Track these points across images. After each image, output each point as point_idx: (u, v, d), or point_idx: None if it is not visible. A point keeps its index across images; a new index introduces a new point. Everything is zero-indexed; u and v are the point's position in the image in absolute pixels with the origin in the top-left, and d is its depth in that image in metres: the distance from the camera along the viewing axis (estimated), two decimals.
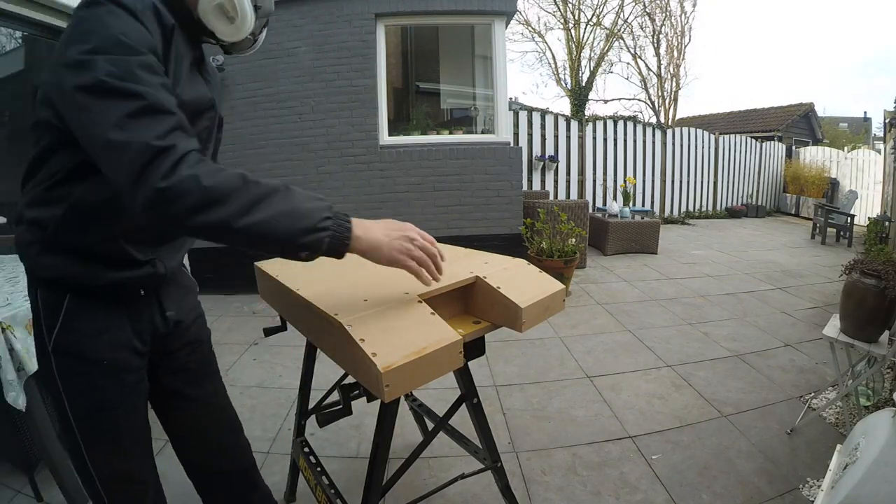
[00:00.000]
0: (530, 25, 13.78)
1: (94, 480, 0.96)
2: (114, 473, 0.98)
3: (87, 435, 0.94)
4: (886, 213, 6.62)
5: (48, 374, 0.92)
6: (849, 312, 1.97)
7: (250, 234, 0.72)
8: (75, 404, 0.92)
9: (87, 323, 0.91)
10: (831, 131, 15.72)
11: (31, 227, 0.87)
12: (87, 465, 0.95)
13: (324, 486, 1.32)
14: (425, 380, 0.82)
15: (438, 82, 6.05)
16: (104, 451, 0.96)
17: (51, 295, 0.90)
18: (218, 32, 0.89)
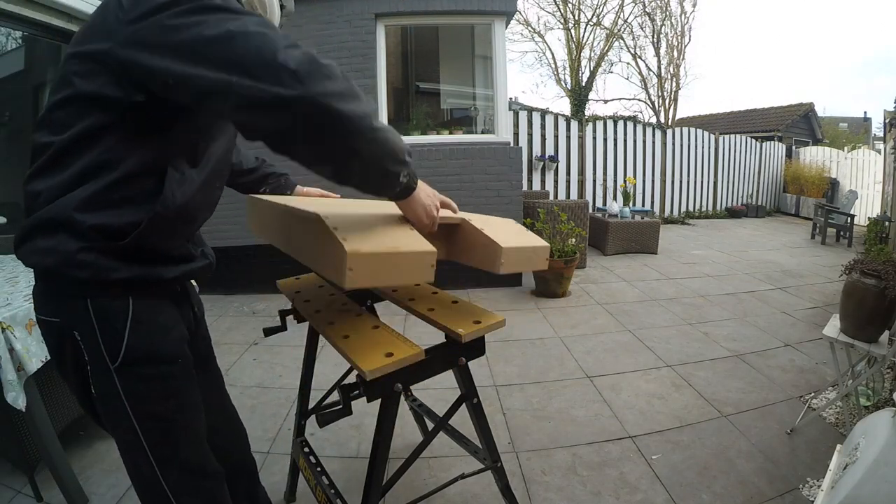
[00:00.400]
0: (530, 25, 13.79)
1: (168, 495, 0.88)
2: (193, 476, 0.93)
3: (171, 444, 0.88)
4: (886, 213, 6.62)
5: (113, 391, 0.82)
6: (849, 312, 1.97)
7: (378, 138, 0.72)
8: (154, 413, 0.85)
9: (156, 322, 0.86)
10: (831, 131, 15.71)
11: (92, 235, 0.77)
12: (159, 477, 0.87)
13: (324, 486, 1.32)
14: (391, 281, 0.82)
15: (438, 82, 6.04)
16: (186, 455, 0.91)
17: (110, 302, 0.81)
18: None
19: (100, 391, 0.83)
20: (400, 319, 3.28)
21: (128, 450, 0.88)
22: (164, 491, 0.88)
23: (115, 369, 0.81)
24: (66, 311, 0.81)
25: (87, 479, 1.81)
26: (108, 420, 0.87)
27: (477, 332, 1.09)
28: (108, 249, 0.79)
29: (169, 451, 0.89)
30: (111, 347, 0.81)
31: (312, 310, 1.26)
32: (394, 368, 0.96)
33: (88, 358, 0.81)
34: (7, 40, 3.68)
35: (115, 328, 0.81)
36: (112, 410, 0.84)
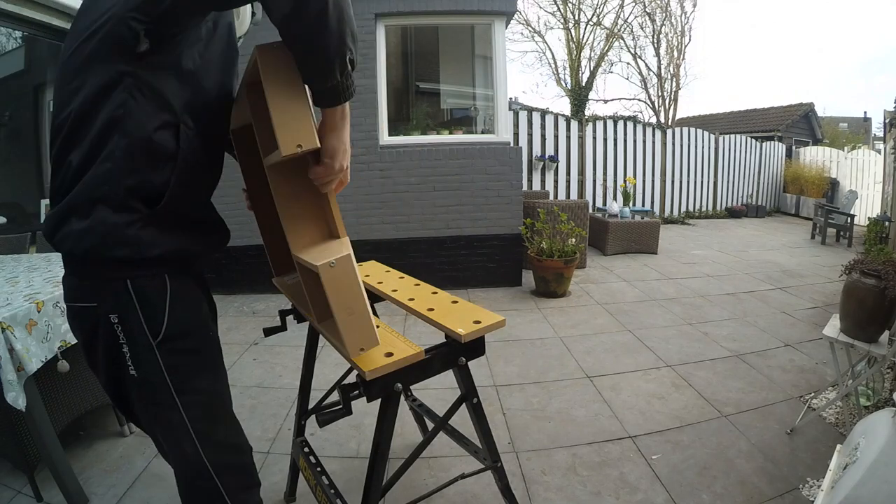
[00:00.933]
0: (530, 25, 13.78)
1: (210, 471, 0.90)
2: (231, 451, 0.96)
3: (210, 419, 0.91)
4: (886, 213, 6.62)
5: (156, 368, 0.84)
6: (849, 312, 1.97)
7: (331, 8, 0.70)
8: (194, 387, 0.88)
9: (189, 298, 0.88)
10: (831, 131, 15.70)
11: (130, 202, 0.78)
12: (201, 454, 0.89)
13: (324, 486, 1.32)
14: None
15: (438, 82, 6.04)
16: (224, 432, 0.94)
17: (149, 280, 0.83)
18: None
19: (142, 371, 0.84)
20: (400, 319, 3.28)
21: (170, 429, 0.88)
22: (206, 468, 0.90)
23: (157, 345, 0.83)
24: (104, 295, 0.82)
25: (87, 479, 1.81)
26: (148, 402, 0.87)
27: (477, 333, 1.09)
28: (146, 220, 0.80)
29: (209, 427, 0.90)
30: (153, 325, 0.83)
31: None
32: (394, 368, 0.96)
33: (126, 340, 0.82)
34: (7, 40, 3.68)
35: (155, 306, 0.83)
36: (154, 389, 0.85)
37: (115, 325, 0.82)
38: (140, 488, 1.78)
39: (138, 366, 0.84)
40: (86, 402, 1.91)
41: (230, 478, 0.94)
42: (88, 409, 1.92)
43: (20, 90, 3.89)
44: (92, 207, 0.77)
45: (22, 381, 1.47)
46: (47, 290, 1.71)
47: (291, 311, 1.38)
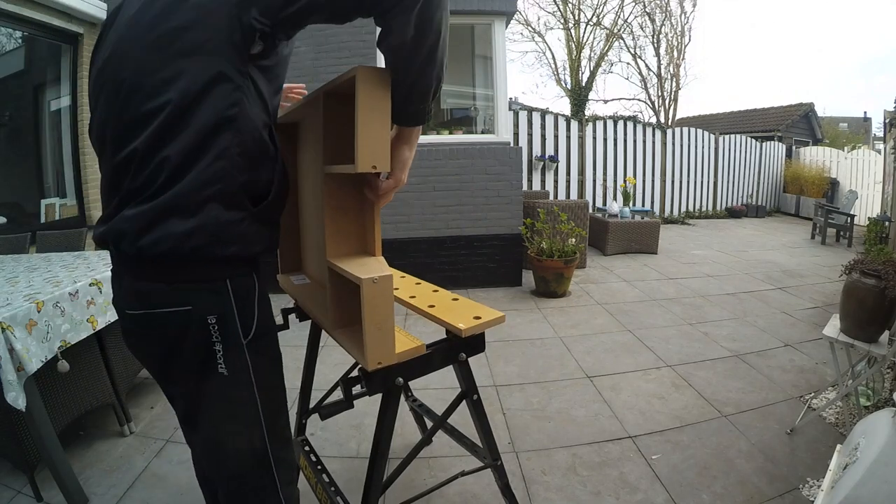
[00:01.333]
0: (530, 25, 13.78)
1: (272, 464, 0.92)
2: (287, 445, 0.98)
3: (276, 414, 0.93)
4: (886, 213, 6.63)
5: (244, 366, 0.85)
6: (849, 312, 1.97)
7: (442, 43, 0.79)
8: (268, 384, 0.91)
9: (266, 297, 0.91)
10: (831, 131, 15.71)
11: (242, 198, 0.79)
12: (268, 447, 0.91)
13: (324, 485, 1.32)
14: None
15: None
16: (284, 425, 0.97)
17: (244, 279, 0.85)
18: None
19: (230, 369, 0.84)
20: (400, 319, 3.28)
21: (244, 425, 0.88)
22: (269, 462, 0.91)
23: (247, 345, 0.85)
24: (202, 297, 0.80)
25: (87, 479, 1.81)
26: (227, 399, 0.86)
27: (477, 328, 1.10)
28: (253, 218, 0.82)
29: (274, 421, 0.92)
30: (245, 324, 0.84)
31: None
32: (395, 361, 0.97)
33: (222, 339, 0.81)
34: (7, 40, 3.68)
35: (249, 305, 0.85)
36: (237, 387, 0.86)
37: (213, 325, 0.80)
38: (140, 488, 1.78)
39: (229, 364, 0.83)
40: (86, 402, 1.91)
41: (283, 471, 0.96)
42: (88, 409, 1.92)
43: (20, 90, 3.89)
44: (202, 206, 0.75)
45: (22, 381, 1.47)
46: (47, 290, 1.71)
47: (294, 309, 1.38)
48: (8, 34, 3.63)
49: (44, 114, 3.92)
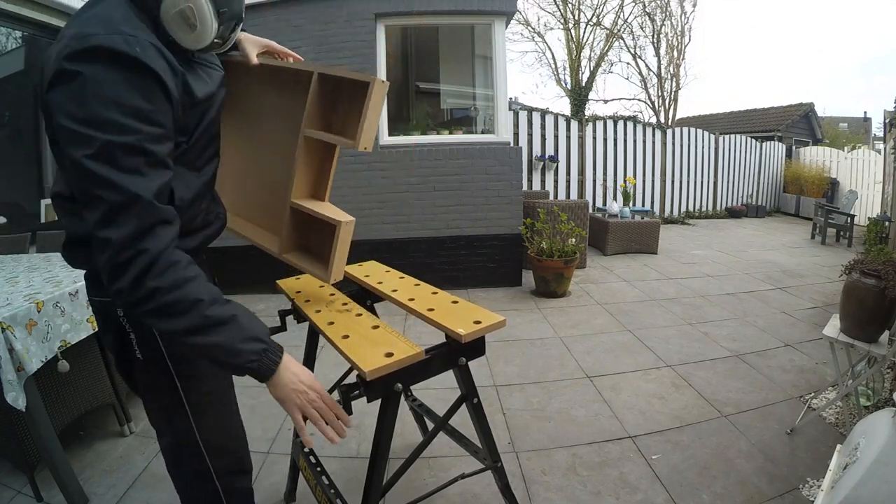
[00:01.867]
0: (530, 25, 13.77)
1: (202, 451, 0.99)
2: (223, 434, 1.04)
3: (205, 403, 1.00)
4: (886, 213, 6.62)
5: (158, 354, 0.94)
6: (849, 312, 1.97)
7: (189, 348, 0.85)
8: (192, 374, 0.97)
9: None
10: (831, 131, 15.70)
11: None
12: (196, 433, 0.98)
13: (324, 486, 1.32)
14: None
15: (438, 82, 6.04)
16: (217, 415, 1.03)
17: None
18: (179, 40, 0.85)
19: (146, 356, 0.94)
20: (400, 320, 3.28)
21: (167, 409, 0.98)
22: (199, 448, 0.99)
23: (159, 334, 0.93)
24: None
25: (87, 479, 1.81)
26: (151, 383, 0.98)
27: (477, 333, 1.09)
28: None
29: (203, 410, 0.99)
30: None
31: (313, 310, 1.26)
32: (394, 369, 0.96)
33: (132, 328, 0.93)
34: (7, 40, 3.68)
35: None
36: (157, 372, 0.95)
37: (121, 317, 0.93)
38: (140, 488, 1.78)
39: (143, 351, 0.94)
40: (86, 402, 1.91)
41: (221, 459, 1.03)
42: (88, 409, 1.92)
43: (20, 90, 3.89)
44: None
45: (22, 381, 1.47)
46: (47, 290, 1.71)
47: (291, 311, 1.38)
48: (8, 34, 3.62)
49: None
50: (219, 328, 0.80)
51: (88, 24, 0.73)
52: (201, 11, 0.83)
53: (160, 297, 0.74)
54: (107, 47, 0.71)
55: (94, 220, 0.72)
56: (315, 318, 1.21)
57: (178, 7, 0.82)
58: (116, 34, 0.73)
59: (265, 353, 0.85)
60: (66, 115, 0.70)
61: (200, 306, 0.78)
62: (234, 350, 0.82)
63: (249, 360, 0.83)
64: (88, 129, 0.69)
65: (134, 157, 0.73)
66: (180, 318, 0.77)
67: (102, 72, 0.71)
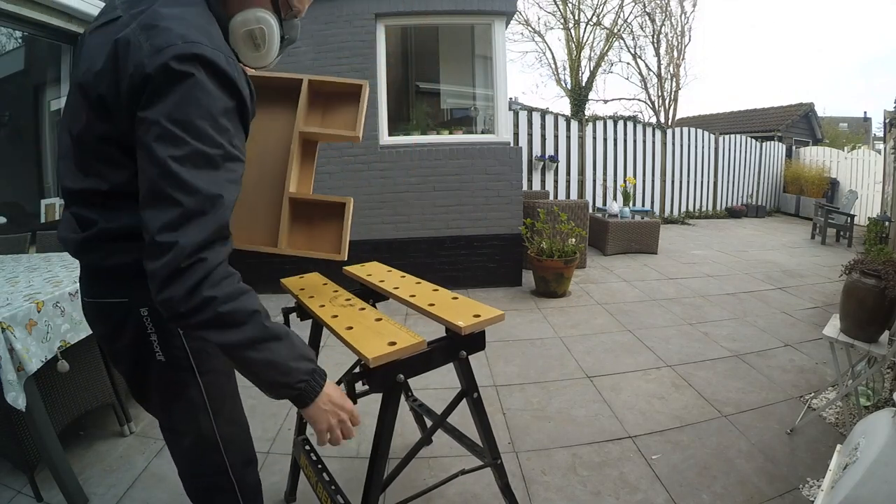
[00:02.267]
0: (530, 25, 13.76)
1: (220, 445, 0.99)
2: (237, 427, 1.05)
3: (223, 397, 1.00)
4: (886, 213, 6.62)
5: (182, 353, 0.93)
6: (849, 312, 1.97)
7: (240, 364, 0.79)
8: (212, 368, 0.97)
9: None
10: (831, 131, 15.70)
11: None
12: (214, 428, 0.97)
13: (325, 484, 1.32)
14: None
15: (438, 82, 6.04)
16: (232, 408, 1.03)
17: None
18: (242, 57, 0.88)
19: (168, 355, 0.92)
20: (400, 319, 3.27)
21: (189, 406, 0.96)
22: (217, 442, 0.98)
23: (183, 333, 0.91)
24: (135, 292, 0.86)
25: (87, 479, 1.81)
26: (171, 381, 0.95)
27: (477, 326, 1.10)
28: None
29: (221, 405, 0.99)
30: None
31: (317, 304, 1.28)
32: (397, 357, 0.98)
33: (155, 328, 0.90)
34: (7, 40, 3.68)
35: None
36: (179, 370, 0.93)
37: (145, 317, 0.89)
38: (140, 488, 1.78)
39: (166, 351, 0.91)
40: (86, 402, 1.91)
41: (235, 453, 1.02)
42: (88, 409, 1.92)
43: (20, 90, 3.89)
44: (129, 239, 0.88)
45: (22, 381, 1.47)
46: (47, 290, 1.71)
47: (294, 308, 1.38)
48: (8, 34, 3.63)
49: (44, 114, 3.92)
50: (274, 343, 0.79)
51: (189, 29, 0.74)
52: (271, 35, 0.88)
53: (216, 307, 0.72)
54: (212, 60, 0.73)
55: (162, 221, 0.70)
56: (319, 311, 1.23)
57: (248, 27, 0.86)
58: (220, 51, 0.75)
59: (314, 375, 0.85)
60: (163, 111, 0.70)
61: (257, 317, 0.77)
62: (286, 368, 0.80)
63: (299, 381, 0.82)
64: (182, 132, 0.70)
65: (217, 170, 0.74)
66: (237, 330, 0.75)
67: (207, 82, 0.72)
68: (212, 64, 0.73)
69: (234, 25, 0.86)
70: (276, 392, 0.82)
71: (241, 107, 0.79)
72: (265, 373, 0.79)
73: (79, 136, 0.81)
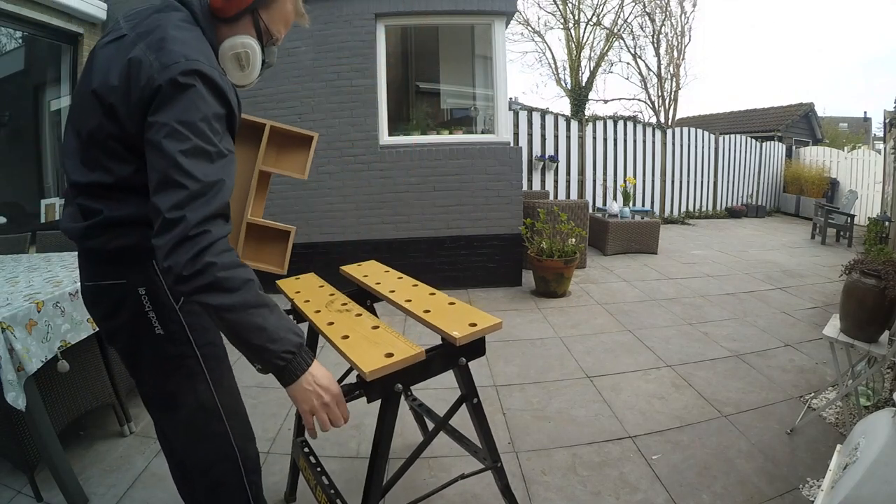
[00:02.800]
0: (530, 25, 13.76)
1: (221, 412, 1.07)
2: (235, 397, 1.14)
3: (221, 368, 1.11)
4: (886, 213, 6.62)
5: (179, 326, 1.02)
6: (849, 312, 1.97)
7: (231, 327, 0.84)
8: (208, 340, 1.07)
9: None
10: (831, 131, 15.68)
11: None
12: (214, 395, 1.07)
13: (324, 486, 1.32)
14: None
15: (438, 82, 6.04)
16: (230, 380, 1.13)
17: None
18: (229, 76, 1.02)
19: (167, 329, 1.01)
20: (400, 319, 3.28)
21: (189, 376, 1.04)
22: (218, 409, 1.07)
23: (180, 308, 1.01)
24: (132, 274, 0.98)
25: (87, 479, 1.81)
26: (171, 354, 1.02)
27: (472, 335, 1.09)
28: None
29: (220, 375, 1.09)
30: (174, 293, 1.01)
31: (312, 310, 1.26)
32: (394, 369, 0.96)
33: (153, 305, 0.99)
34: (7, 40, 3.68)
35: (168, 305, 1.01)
36: (178, 342, 1.02)
37: (143, 295, 0.98)
38: (140, 488, 1.78)
39: (164, 325, 1.00)
40: (86, 402, 1.91)
41: (236, 423, 1.10)
42: (88, 409, 1.92)
43: (20, 90, 3.89)
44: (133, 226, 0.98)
45: (22, 381, 1.47)
46: (47, 290, 1.71)
47: (290, 311, 1.38)
48: (8, 34, 3.63)
49: (44, 114, 3.92)
50: (265, 310, 0.85)
51: (190, 49, 0.88)
52: (255, 58, 1.04)
53: (216, 272, 0.80)
54: (209, 76, 0.88)
55: (172, 202, 0.80)
56: (315, 318, 1.21)
57: (235, 50, 1.02)
58: (215, 70, 0.90)
59: (301, 350, 0.89)
60: (172, 115, 0.84)
61: (252, 285, 0.85)
62: (276, 336, 0.85)
63: (286, 350, 0.86)
64: (187, 131, 0.83)
65: (212, 162, 0.86)
66: (232, 294, 0.82)
67: (205, 92, 0.87)
68: (209, 78, 0.87)
69: (224, 49, 1.01)
70: (264, 359, 0.86)
71: (229, 114, 0.93)
72: (255, 335, 0.84)
73: (89, 135, 0.93)
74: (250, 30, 1.04)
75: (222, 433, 1.07)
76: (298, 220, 4.20)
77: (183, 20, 0.94)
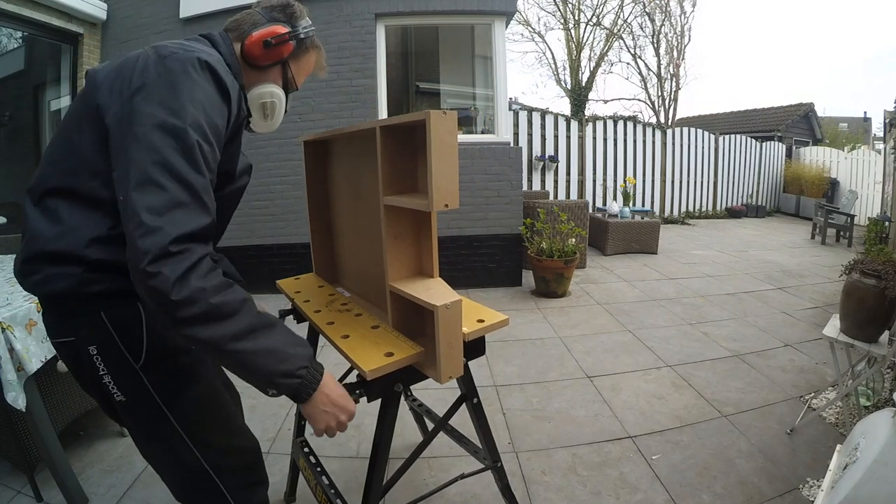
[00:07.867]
0: (530, 25, 13.78)
1: (210, 474, 0.94)
2: (231, 453, 0.99)
3: (204, 425, 0.94)
4: (886, 213, 6.62)
5: (142, 389, 0.86)
6: (849, 312, 1.97)
7: (235, 359, 0.74)
8: (182, 401, 0.90)
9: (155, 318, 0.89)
10: (831, 131, 15.68)
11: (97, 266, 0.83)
12: (201, 460, 0.92)
13: (324, 486, 1.32)
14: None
15: (438, 82, 6.04)
16: (221, 435, 0.97)
17: (122, 310, 0.85)
18: (252, 122, 1.04)
19: (128, 394, 0.87)
20: None
21: (166, 441, 0.91)
22: (206, 472, 0.93)
23: (141, 368, 0.86)
24: (80, 329, 0.84)
25: (87, 479, 1.81)
26: (139, 420, 0.91)
27: (479, 332, 1.08)
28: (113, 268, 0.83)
29: (205, 434, 0.94)
30: (133, 349, 0.85)
31: (312, 310, 1.26)
32: (394, 368, 0.96)
33: (107, 368, 0.85)
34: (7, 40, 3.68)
35: (132, 332, 0.85)
36: (144, 409, 0.88)
37: (94, 355, 0.84)
38: (140, 488, 1.78)
39: (124, 389, 0.87)
40: (86, 402, 1.90)
41: (231, 477, 0.98)
42: (88, 409, 1.92)
43: (20, 90, 3.89)
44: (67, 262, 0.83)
45: (22, 381, 1.47)
46: None
47: (291, 311, 1.38)
48: (8, 34, 3.63)
49: (44, 114, 3.93)
50: (270, 330, 0.77)
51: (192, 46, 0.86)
52: (280, 109, 1.04)
53: (208, 298, 0.70)
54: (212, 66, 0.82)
55: (147, 204, 0.69)
56: (315, 318, 1.21)
57: (263, 99, 1.01)
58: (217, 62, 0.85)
59: (312, 363, 0.83)
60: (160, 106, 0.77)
61: (250, 305, 0.76)
62: (285, 354, 0.78)
63: (300, 367, 0.79)
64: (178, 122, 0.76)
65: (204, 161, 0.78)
66: (232, 320, 0.73)
67: (204, 82, 0.80)
68: (210, 67, 0.83)
69: (253, 96, 1.00)
70: (276, 383, 0.78)
71: (229, 117, 0.87)
72: (264, 362, 0.76)
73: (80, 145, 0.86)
74: (278, 78, 1.02)
75: (214, 489, 0.96)
76: (299, 219, 4.21)
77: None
